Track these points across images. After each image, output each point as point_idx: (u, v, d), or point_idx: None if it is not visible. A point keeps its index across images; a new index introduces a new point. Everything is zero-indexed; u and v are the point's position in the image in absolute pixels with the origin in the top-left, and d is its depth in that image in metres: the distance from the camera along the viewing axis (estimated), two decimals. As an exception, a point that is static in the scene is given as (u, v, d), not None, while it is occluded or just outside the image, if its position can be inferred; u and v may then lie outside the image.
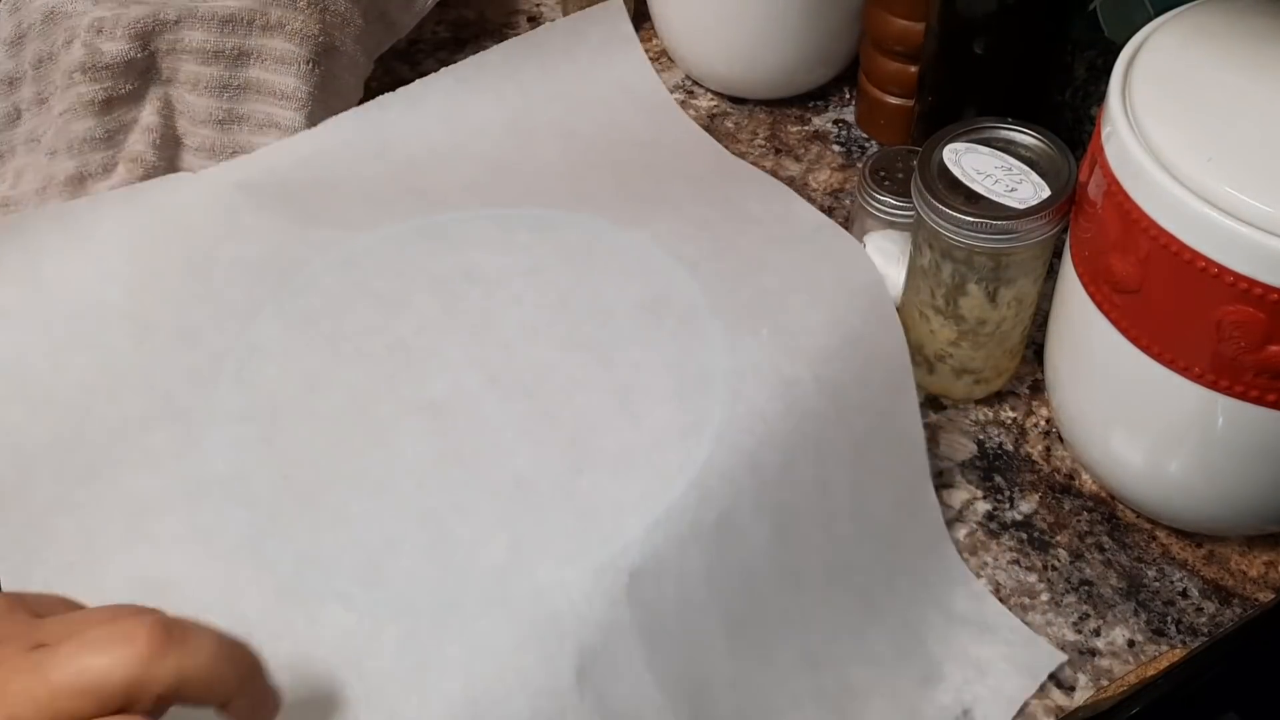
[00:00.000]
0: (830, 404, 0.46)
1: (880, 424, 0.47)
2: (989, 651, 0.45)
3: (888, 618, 0.45)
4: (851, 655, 0.44)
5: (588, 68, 0.63)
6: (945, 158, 0.48)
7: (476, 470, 0.44)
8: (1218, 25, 0.43)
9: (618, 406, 0.45)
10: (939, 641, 0.46)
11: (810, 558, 0.44)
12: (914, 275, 0.52)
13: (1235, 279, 0.38)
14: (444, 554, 0.41)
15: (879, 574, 0.46)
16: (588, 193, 0.55)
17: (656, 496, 0.42)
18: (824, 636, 0.44)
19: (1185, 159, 0.39)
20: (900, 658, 0.45)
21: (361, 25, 0.63)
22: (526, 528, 0.42)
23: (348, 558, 0.42)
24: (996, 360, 0.53)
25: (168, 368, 0.48)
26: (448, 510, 0.43)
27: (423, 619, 0.40)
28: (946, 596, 0.47)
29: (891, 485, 0.47)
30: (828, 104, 0.69)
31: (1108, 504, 0.51)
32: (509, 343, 0.48)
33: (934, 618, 0.46)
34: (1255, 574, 0.49)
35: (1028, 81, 0.56)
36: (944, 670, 0.45)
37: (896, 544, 0.47)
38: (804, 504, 0.44)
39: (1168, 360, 0.42)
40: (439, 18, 0.74)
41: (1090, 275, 0.44)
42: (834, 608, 0.44)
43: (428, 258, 0.51)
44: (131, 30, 0.57)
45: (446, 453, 0.44)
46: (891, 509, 0.47)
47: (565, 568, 0.41)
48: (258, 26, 0.59)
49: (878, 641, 0.45)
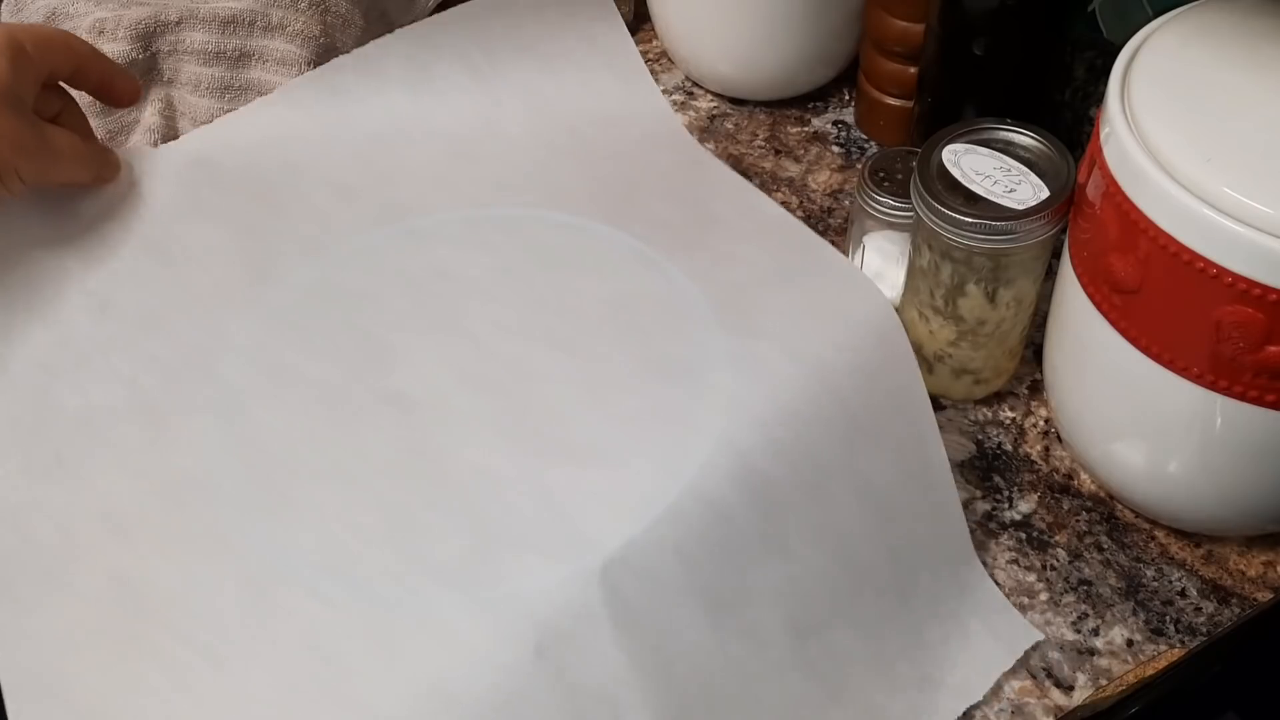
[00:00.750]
0: (805, 370, 0.46)
1: (871, 383, 0.47)
2: (969, 618, 0.46)
3: (879, 581, 0.45)
4: (836, 620, 0.44)
5: (555, 22, 0.60)
6: (944, 158, 0.48)
7: (442, 462, 0.44)
8: (1216, 26, 0.44)
9: (584, 399, 0.46)
10: (926, 603, 0.46)
11: (797, 528, 0.44)
12: (913, 276, 0.52)
13: (1234, 280, 0.38)
14: (408, 543, 0.42)
15: (880, 544, 0.45)
16: (557, 185, 0.55)
17: (623, 484, 0.43)
18: (810, 604, 0.44)
19: (1184, 160, 0.39)
20: (885, 620, 0.45)
21: (362, 26, 0.63)
22: (491, 518, 0.43)
23: (314, 547, 0.42)
24: (996, 360, 0.53)
25: (132, 353, 0.48)
26: (413, 501, 0.43)
27: (386, 606, 0.41)
28: (940, 559, 0.47)
29: (893, 447, 0.47)
30: (827, 105, 0.69)
31: (1106, 504, 0.51)
32: (478, 338, 0.48)
33: (924, 578, 0.46)
34: (1254, 574, 0.49)
35: (1027, 82, 0.56)
36: (927, 636, 0.45)
37: (900, 513, 0.46)
38: (786, 475, 0.44)
39: (1167, 361, 0.42)
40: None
41: (1089, 276, 0.45)
42: (825, 578, 0.44)
43: (399, 254, 0.52)
44: (133, 31, 0.57)
45: (413, 445, 0.45)
46: (895, 473, 0.46)
47: (528, 554, 0.41)
48: (259, 28, 0.59)
49: (866, 605, 0.45)
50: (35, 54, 0.47)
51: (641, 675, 0.40)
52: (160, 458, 0.45)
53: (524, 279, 0.50)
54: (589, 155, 0.57)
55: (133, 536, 0.43)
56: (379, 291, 0.50)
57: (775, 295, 0.49)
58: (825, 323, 0.47)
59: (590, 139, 0.58)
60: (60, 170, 0.49)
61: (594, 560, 0.41)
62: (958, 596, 0.46)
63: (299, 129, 0.56)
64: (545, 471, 0.43)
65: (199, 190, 0.53)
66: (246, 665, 0.40)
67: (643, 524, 0.42)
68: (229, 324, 0.49)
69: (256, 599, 0.41)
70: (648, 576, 0.41)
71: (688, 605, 0.41)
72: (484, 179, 0.56)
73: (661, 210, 0.54)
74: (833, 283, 0.49)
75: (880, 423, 0.46)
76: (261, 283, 0.50)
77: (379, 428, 0.45)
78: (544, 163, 0.57)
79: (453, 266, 0.51)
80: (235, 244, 0.52)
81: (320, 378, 0.47)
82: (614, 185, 0.55)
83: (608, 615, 0.40)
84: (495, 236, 0.52)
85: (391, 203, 0.54)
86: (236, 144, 0.55)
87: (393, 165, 0.56)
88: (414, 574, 0.41)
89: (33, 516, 0.44)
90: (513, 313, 0.49)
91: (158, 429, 0.46)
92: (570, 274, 0.50)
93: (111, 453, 0.46)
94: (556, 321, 0.48)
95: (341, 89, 0.57)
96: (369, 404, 0.46)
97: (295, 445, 0.45)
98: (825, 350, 0.46)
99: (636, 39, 0.73)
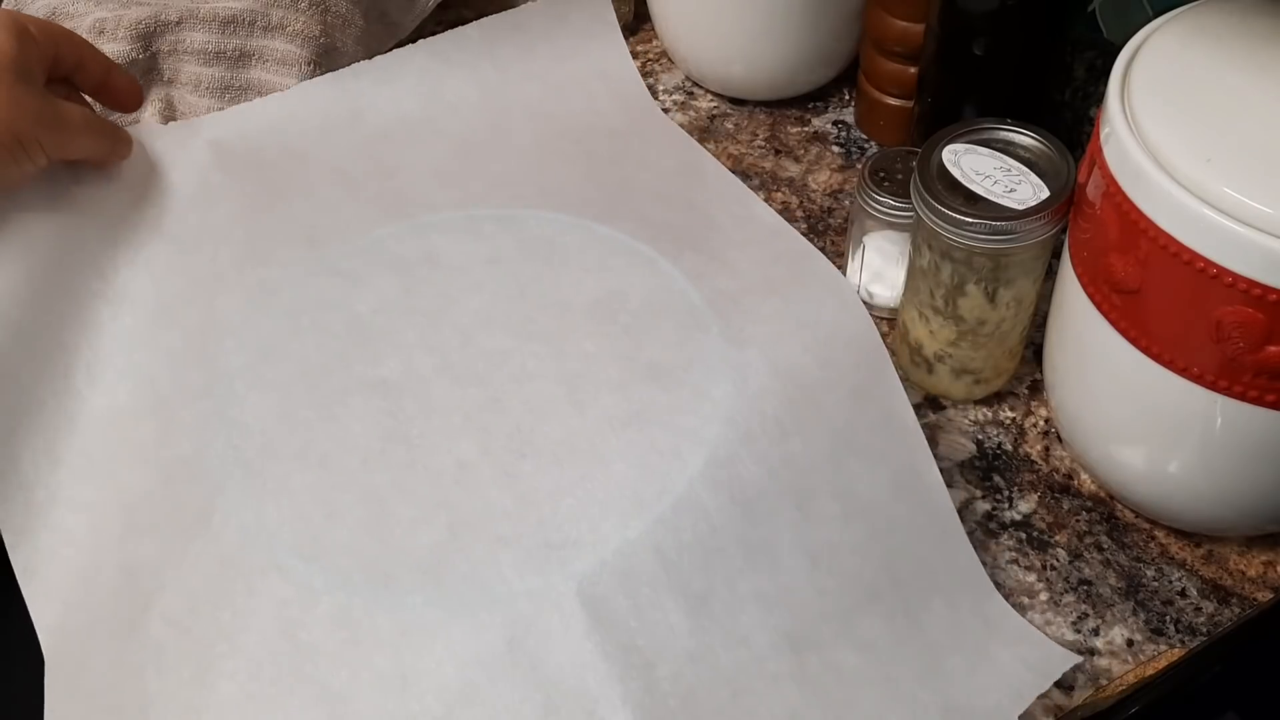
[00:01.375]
0: (787, 383, 0.46)
1: (857, 403, 0.47)
2: (999, 649, 0.45)
3: (883, 603, 0.45)
4: (839, 639, 0.44)
5: (566, 51, 0.63)
6: (944, 158, 0.48)
7: (421, 451, 0.44)
8: (1217, 26, 0.44)
9: (565, 395, 0.46)
10: (944, 633, 0.45)
11: (783, 535, 0.44)
12: (913, 276, 0.52)
13: (1234, 280, 0.38)
14: (383, 531, 0.42)
15: (873, 557, 0.45)
16: (555, 187, 0.56)
17: (598, 480, 0.43)
18: (809, 618, 0.43)
19: (1184, 160, 0.39)
20: (897, 645, 0.44)
21: (362, 26, 0.63)
22: (467, 510, 0.43)
23: (288, 529, 0.42)
24: (996, 360, 0.53)
25: (150, 348, 0.49)
26: (390, 489, 0.43)
27: (357, 593, 0.41)
28: (954, 588, 0.46)
29: (883, 466, 0.46)
30: (827, 105, 0.69)
31: (1106, 504, 0.51)
32: (465, 328, 0.48)
33: (938, 607, 0.45)
34: (1254, 573, 0.49)
35: (1027, 82, 0.57)
36: (947, 665, 0.45)
37: (893, 528, 0.46)
38: (766, 480, 0.44)
39: (1167, 361, 0.42)
40: (439, 18, 0.74)
41: (1089, 276, 0.45)
42: (819, 590, 0.44)
43: (392, 240, 0.52)
44: (133, 31, 0.57)
45: (393, 432, 0.45)
46: (885, 490, 0.46)
47: (502, 549, 0.42)
48: (259, 28, 0.59)
49: (871, 627, 0.44)
50: (40, 37, 0.48)
51: (620, 674, 0.39)
52: (166, 448, 0.46)
53: (512, 271, 0.51)
54: (593, 162, 0.58)
55: (140, 526, 0.44)
56: (370, 275, 0.50)
57: (764, 304, 0.49)
58: (811, 337, 0.48)
59: (594, 149, 0.59)
60: (79, 144, 0.50)
61: (570, 558, 0.41)
62: (982, 630, 0.45)
63: (310, 123, 0.57)
64: (523, 469, 0.44)
65: (209, 174, 0.54)
66: (217, 645, 0.40)
67: (621, 524, 0.42)
68: (226, 307, 0.49)
69: (231, 579, 0.41)
70: (625, 575, 0.41)
71: (667, 608, 0.41)
72: (487, 176, 0.56)
73: (660, 213, 0.54)
74: (821, 297, 0.49)
75: (864, 438, 0.46)
76: (261, 267, 0.51)
77: (361, 415, 0.46)
78: (547, 166, 0.57)
79: (444, 254, 0.51)
80: (239, 230, 0.52)
81: (307, 360, 0.47)
82: (615, 189, 0.56)
83: (583, 612, 0.40)
84: (489, 227, 0.53)
85: (395, 196, 0.55)
86: (248, 131, 0.56)
87: (398, 160, 0.57)
88: (387, 562, 0.41)
89: (67, 517, 0.45)
90: (500, 304, 0.49)
91: (167, 421, 0.47)
92: (561, 268, 0.51)
93: (132, 450, 0.46)
94: (544, 316, 0.49)
95: (355, 92, 0.59)
96: (351, 387, 0.46)
97: (275, 425, 0.45)
98: (810, 365, 0.47)
99: (636, 39, 0.73)
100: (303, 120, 0.58)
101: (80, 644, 0.42)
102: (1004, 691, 0.44)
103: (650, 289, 0.50)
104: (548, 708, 0.39)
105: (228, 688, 0.39)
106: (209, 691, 0.39)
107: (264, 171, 0.55)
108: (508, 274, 0.50)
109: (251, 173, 0.55)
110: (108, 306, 0.50)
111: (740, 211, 0.55)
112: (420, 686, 0.39)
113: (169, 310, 0.50)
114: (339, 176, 0.55)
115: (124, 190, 0.53)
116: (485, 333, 0.48)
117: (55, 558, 0.44)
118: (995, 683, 0.44)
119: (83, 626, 0.42)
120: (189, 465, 0.45)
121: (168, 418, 0.47)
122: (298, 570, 0.41)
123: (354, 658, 0.39)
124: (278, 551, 0.42)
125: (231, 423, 0.46)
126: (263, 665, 0.40)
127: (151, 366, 0.48)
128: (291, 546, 0.42)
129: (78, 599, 0.43)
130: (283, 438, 0.45)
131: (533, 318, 0.49)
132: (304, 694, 0.39)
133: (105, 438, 0.47)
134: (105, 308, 0.50)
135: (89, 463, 0.46)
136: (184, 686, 0.40)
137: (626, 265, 0.51)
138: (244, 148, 0.56)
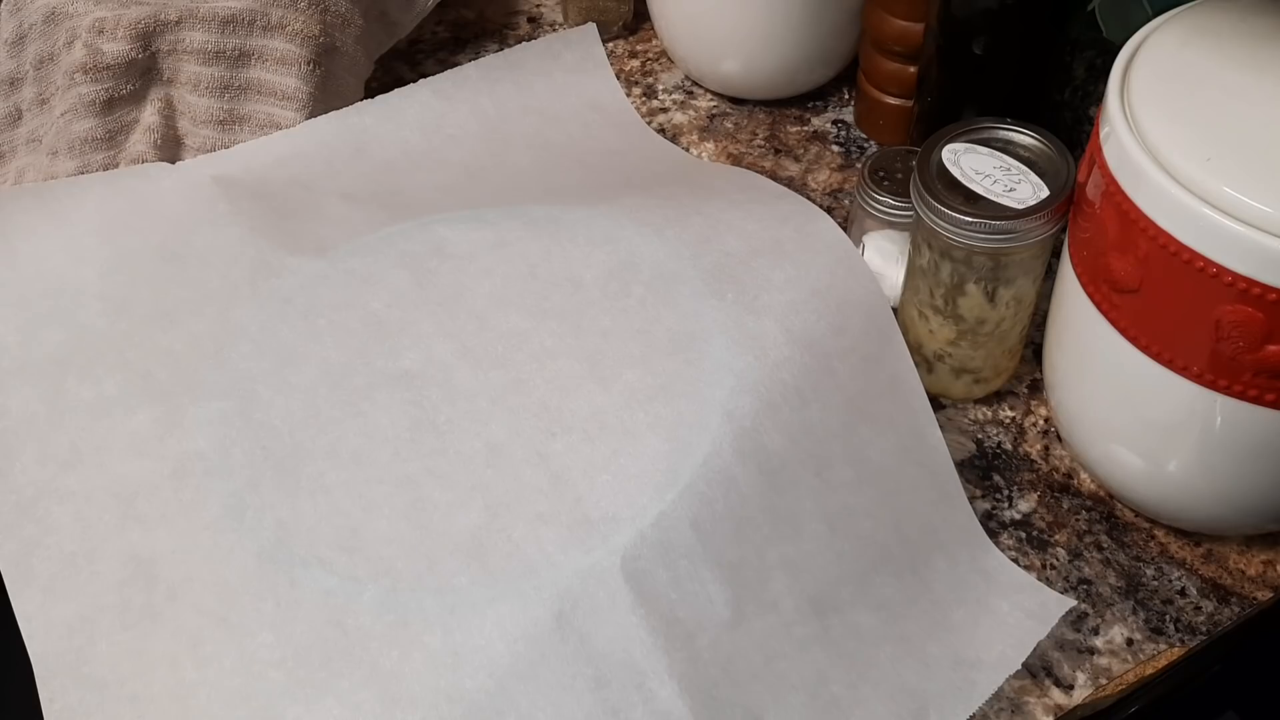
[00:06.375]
0: (804, 352, 0.47)
1: (867, 369, 0.48)
2: (998, 600, 0.46)
3: (894, 563, 0.46)
4: (857, 600, 0.44)
5: (561, 86, 0.66)
6: (944, 158, 0.48)
7: (450, 437, 0.45)
8: (1216, 26, 0.44)
9: (587, 372, 0.46)
10: (948, 588, 0.46)
11: (804, 503, 0.45)
12: (913, 275, 0.52)
13: (1234, 279, 0.38)
14: (420, 518, 0.43)
15: (885, 520, 0.46)
16: (558, 188, 0.57)
17: (629, 454, 0.44)
18: (829, 582, 0.44)
19: (1184, 159, 0.39)
20: (908, 603, 0.45)
21: (362, 26, 0.63)
22: (501, 490, 0.43)
23: (326, 524, 0.43)
24: (995, 360, 0.53)
25: (145, 348, 0.49)
26: (423, 476, 0.44)
27: (401, 578, 0.41)
28: (954, 544, 0.47)
29: (891, 431, 0.47)
30: (827, 104, 0.69)
31: (1106, 503, 0.51)
32: (480, 313, 0.49)
33: (940, 563, 0.46)
34: (1254, 573, 0.49)
35: (1027, 81, 0.57)
36: (953, 618, 0.45)
37: (901, 490, 0.47)
38: (789, 448, 0.45)
39: (1166, 360, 0.42)
40: (439, 18, 0.74)
41: (1089, 275, 0.45)
42: (837, 553, 0.45)
43: (399, 236, 0.53)
44: (132, 31, 0.57)
45: (421, 421, 0.45)
46: (894, 455, 0.47)
47: (543, 526, 0.42)
48: (259, 27, 0.59)
49: (885, 587, 0.45)
50: None
51: (664, 645, 0.40)
52: (175, 442, 0.46)
53: (520, 253, 0.51)
54: (593, 172, 0.60)
55: (146, 517, 0.44)
56: (381, 272, 0.51)
57: (776, 270, 0.49)
58: (823, 304, 0.48)
59: (593, 164, 0.61)
60: None
61: (610, 532, 0.41)
62: (982, 583, 0.46)
63: (315, 157, 0.59)
64: (554, 448, 0.44)
65: (215, 204, 0.55)
66: (260, 635, 0.41)
67: (657, 497, 0.42)
68: (241, 316, 0.50)
69: (269, 573, 0.42)
70: (664, 549, 0.42)
71: (704, 579, 0.42)
72: (490, 188, 0.57)
73: (662, 190, 0.55)
74: (830, 263, 0.50)
75: (875, 403, 0.47)
76: (274, 276, 0.51)
77: (387, 407, 0.46)
78: (549, 176, 0.58)
79: (451, 244, 0.52)
80: (247, 244, 0.53)
81: (328, 361, 0.48)
82: (616, 186, 0.57)
83: (627, 587, 0.41)
84: (493, 215, 0.54)
85: (401, 206, 0.55)
86: (254, 166, 0.58)
87: (403, 183, 0.58)
88: (428, 546, 0.42)
89: (53, 507, 0.45)
90: (512, 286, 0.50)
91: (172, 415, 0.47)
92: (569, 244, 0.51)
93: (125, 440, 0.46)
94: (557, 294, 0.49)
95: (359, 128, 0.60)
96: (375, 382, 0.47)
97: (304, 425, 0.46)
98: (824, 332, 0.47)
99: (636, 38, 0.73)
100: (308, 155, 0.59)
101: (76, 632, 0.42)
102: (1007, 641, 0.45)
103: (660, 258, 0.50)
104: (599, 680, 0.39)
105: (276, 675, 0.40)
106: (256, 680, 0.40)
107: (271, 201, 0.56)
108: (517, 255, 0.51)
109: (259, 201, 0.55)
110: (103, 318, 0.51)
111: (742, 181, 0.56)
112: (473, 663, 0.39)
113: (169, 315, 0.50)
114: (345, 200, 0.56)
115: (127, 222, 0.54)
116: (501, 315, 0.48)
117: (39, 546, 0.44)
118: (999, 634, 0.45)
119: (75, 615, 0.42)
120: (206, 461, 0.45)
121: (170, 411, 0.47)
122: (339, 561, 0.42)
123: (404, 638, 0.40)
124: (318, 545, 0.42)
125: (258, 425, 0.46)
126: (311, 651, 0.40)
127: (145, 363, 0.49)
128: (332, 541, 0.42)
129: (65, 587, 0.43)
130: (312, 438, 0.45)
131: (546, 296, 0.49)
132: (354, 676, 0.39)
133: (92, 428, 0.47)
134: (100, 319, 0.51)
135: (74, 453, 0.46)
136: (227, 675, 0.40)
137: (634, 235, 0.51)
138: (250, 179, 0.57)
